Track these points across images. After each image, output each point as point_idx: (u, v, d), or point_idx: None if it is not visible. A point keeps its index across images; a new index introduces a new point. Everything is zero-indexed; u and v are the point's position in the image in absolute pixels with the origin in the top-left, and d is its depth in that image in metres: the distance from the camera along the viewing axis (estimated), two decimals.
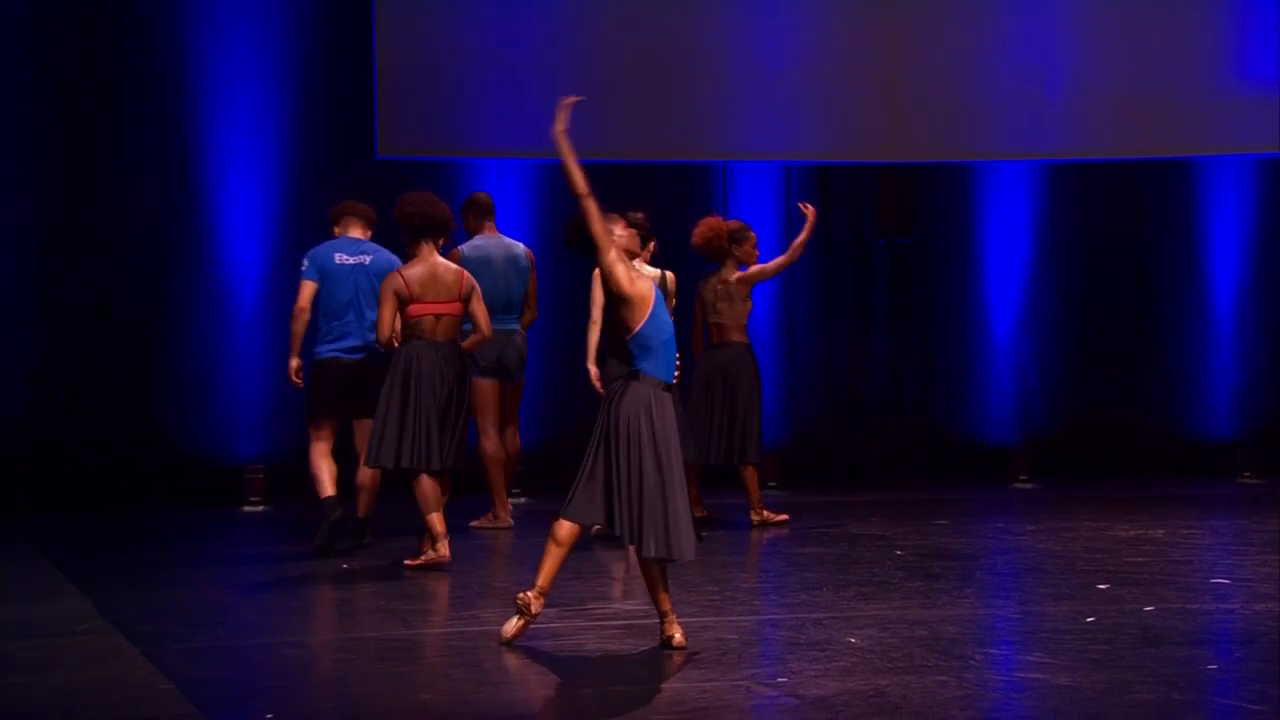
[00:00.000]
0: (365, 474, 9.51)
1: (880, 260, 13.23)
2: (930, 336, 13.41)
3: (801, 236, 10.62)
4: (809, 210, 10.65)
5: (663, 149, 12.45)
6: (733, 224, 10.71)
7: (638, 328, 6.78)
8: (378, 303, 9.18)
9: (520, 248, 10.59)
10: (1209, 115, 12.79)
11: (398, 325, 9.05)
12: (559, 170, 12.31)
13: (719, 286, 10.56)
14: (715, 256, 10.60)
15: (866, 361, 13.24)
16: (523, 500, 11.62)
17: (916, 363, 13.38)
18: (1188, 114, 12.82)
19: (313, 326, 9.72)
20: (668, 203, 12.14)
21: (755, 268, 10.67)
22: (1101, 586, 8.16)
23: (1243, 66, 12.77)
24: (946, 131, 12.80)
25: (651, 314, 6.79)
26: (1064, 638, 6.98)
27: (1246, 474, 13.20)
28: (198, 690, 6.21)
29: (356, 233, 9.82)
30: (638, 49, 12.32)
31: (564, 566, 6.96)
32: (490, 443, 10.41)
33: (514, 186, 12.21)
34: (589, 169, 12.86)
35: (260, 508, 11.65)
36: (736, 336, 10.56)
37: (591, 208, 6.76)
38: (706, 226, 10.60)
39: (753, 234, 10.67)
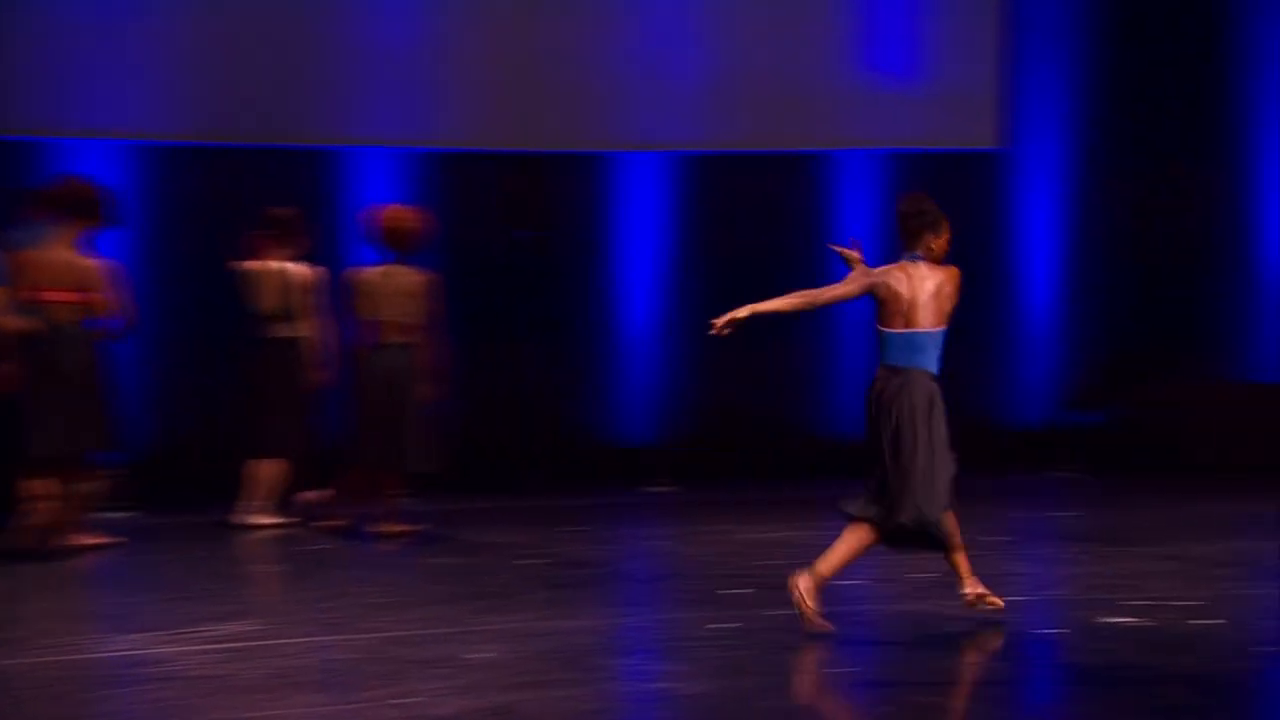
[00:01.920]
0: None
1: (510, 254, 12.94)
2: (561, 335, 13.12)
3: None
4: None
5: (273, 134, 11.94)
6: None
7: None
8: None
9: None
10: (839, 110, 12.92)
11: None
12: (177, 154, 11.91)
13: (391, 282, 9.78)
14: (399, 247, 9.80)
15: (498, 361, 12.88)
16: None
17: (542, 361, 13.06)
18: (818, 108, 12.92)
19: None
20: (285, 190, 11.55)
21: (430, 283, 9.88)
22: (734, 592, 8.02)
23: (870, 62, 12.98)
24: (577, 121, 12.62)
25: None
26: (696, 645, 6.82)
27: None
28: None
29: None
30: (256, 28, 11.88)
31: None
32: None
33: (120, 169, 11.60)
34: (197, 154, 12.27)
35: None
36: (402, 336, 9.84)
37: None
38: (399, 216, 9.88)
39: None
